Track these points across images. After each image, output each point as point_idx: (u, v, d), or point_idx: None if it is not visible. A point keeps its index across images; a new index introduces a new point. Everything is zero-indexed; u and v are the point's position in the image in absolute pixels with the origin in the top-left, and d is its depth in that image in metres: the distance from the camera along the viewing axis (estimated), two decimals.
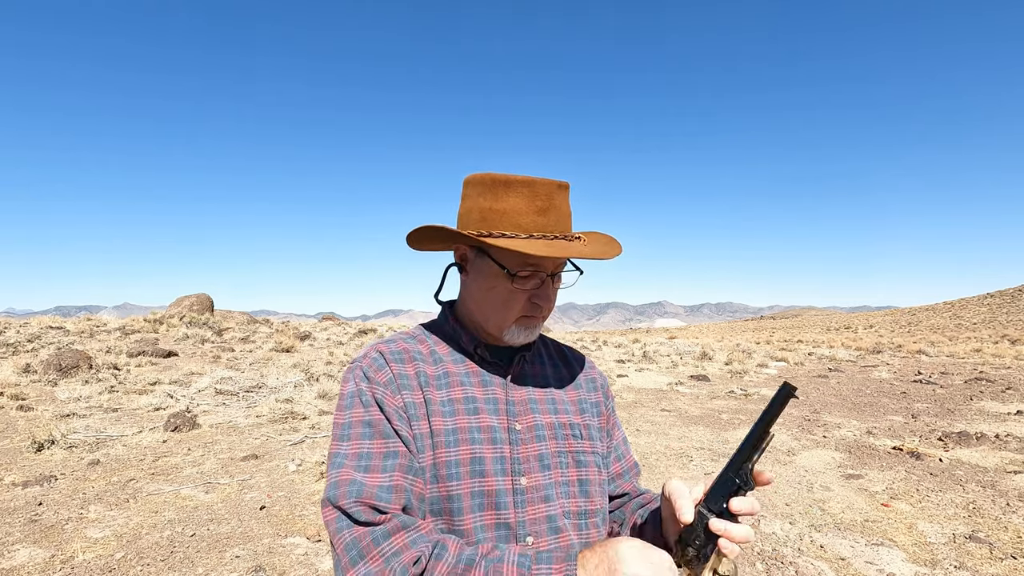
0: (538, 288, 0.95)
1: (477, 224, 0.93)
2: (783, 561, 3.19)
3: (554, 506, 0.92)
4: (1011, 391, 9.14)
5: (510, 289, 0.93)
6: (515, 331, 0.96)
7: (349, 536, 0.78)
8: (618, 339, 19.86)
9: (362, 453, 0.85)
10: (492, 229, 0.91)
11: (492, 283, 0.94)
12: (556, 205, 0.93)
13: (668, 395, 9.13)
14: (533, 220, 0.91)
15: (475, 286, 0.98)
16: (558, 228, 0.93)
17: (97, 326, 13.20)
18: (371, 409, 0.88)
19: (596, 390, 1.10)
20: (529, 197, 0.91)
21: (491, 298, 0.95)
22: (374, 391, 0.90)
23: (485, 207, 0.92)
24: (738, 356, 14.06)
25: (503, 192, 0.91)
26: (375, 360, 0.93)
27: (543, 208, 0.91)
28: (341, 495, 0.80)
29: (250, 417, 6.63)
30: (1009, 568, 3.09)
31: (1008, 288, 67.81)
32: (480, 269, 0.96)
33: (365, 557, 0.76)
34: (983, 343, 21.66)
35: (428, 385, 0.93)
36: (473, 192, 0.95)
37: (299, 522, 3.67)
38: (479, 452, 0.90)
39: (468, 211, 0.95)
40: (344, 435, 0.88)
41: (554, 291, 0.97)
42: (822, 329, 59.41)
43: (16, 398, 6.87)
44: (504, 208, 0.91)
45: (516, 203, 0.91)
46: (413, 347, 0.98)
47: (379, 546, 0.76)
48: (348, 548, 0.77)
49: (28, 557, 3.11)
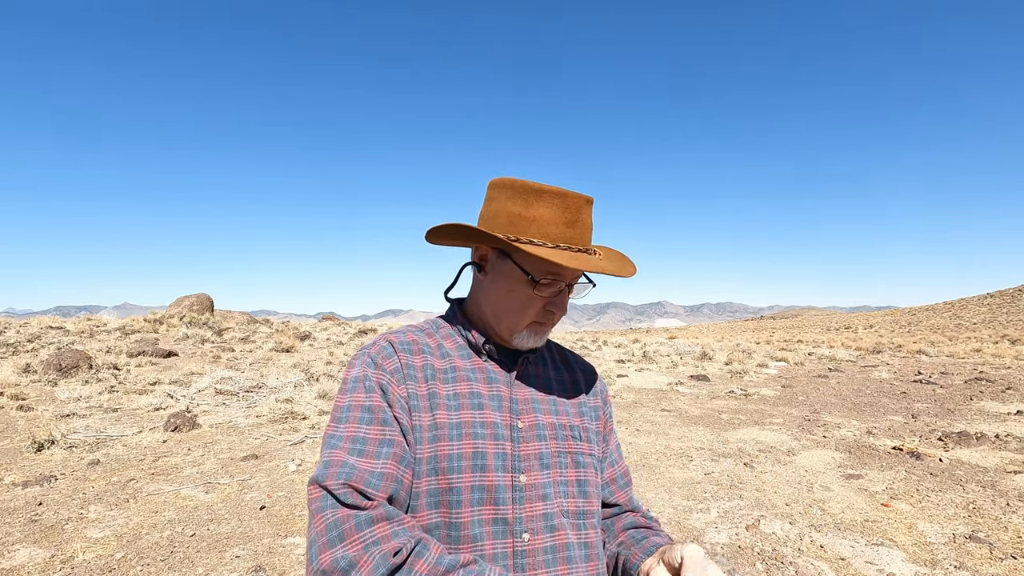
0: (555, 296, 0.96)
1: (505, 228, 0.93)
2: (783, 561, 3.19)
3: (551, 504, 0.93)
4: (1011, 391, 9.14)
5: (530, 295, 0.95)
6: (525, 335, 0.97)
7: (332, 516, 0.77)
8: (618, 339, 19.86)
9: (358, 437, 0.85)
10: (520, 235, 0.92)
11: (512, 287, 0.96)
12: (583, 219, 0.94)
13: (668, 395, 9.13)
14: (561, 231, 0.92)
15: (493, 288, 0.98)
16: (582, 241, 0.95)
17: (97, 326, 13.20)
18: (373, 395, 0.89)
19: (596, 395, 1.11)
20: (560, 208, 0.92)
21: (509, 301, 0.96)
22: (380, 377, 0.90)
23: (515, 212, 0.93)
24: (738, 356, 14.06)
25: (535, 200, 0.92)
26: (384, 348, 0.95)
27: (572, 221, 0.93)
28: (330, 475, 0.80)
29: (250, 417, 6.63)
30: (1009, 568, 3.09)
31: (1008, 288, 67.82)
32: (501, 271, 0.97)
33: (345, 540, 0.75)
34: (983, 343, 21.67)
35: (434, 378, 0.94)
36: (501, 196, 0.95)
37: (299, 522, 3.67)
38: (481, 447, 0.90)
39: (495, 214, 0.95)
40: (342, 417, 0.88)
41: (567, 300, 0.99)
42: (822, 329, 59.43)
43: (16, 398, 6.87)
44: (534, 216, 0.92)
45: (546, 213, 0.92)
46: (422, 339, 0.99)
47: (361, 532, 0.75)
48: (329, 528, 0.76)
49: (28, 557, 3.11)
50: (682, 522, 3.78)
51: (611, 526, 1.07)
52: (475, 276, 1.03)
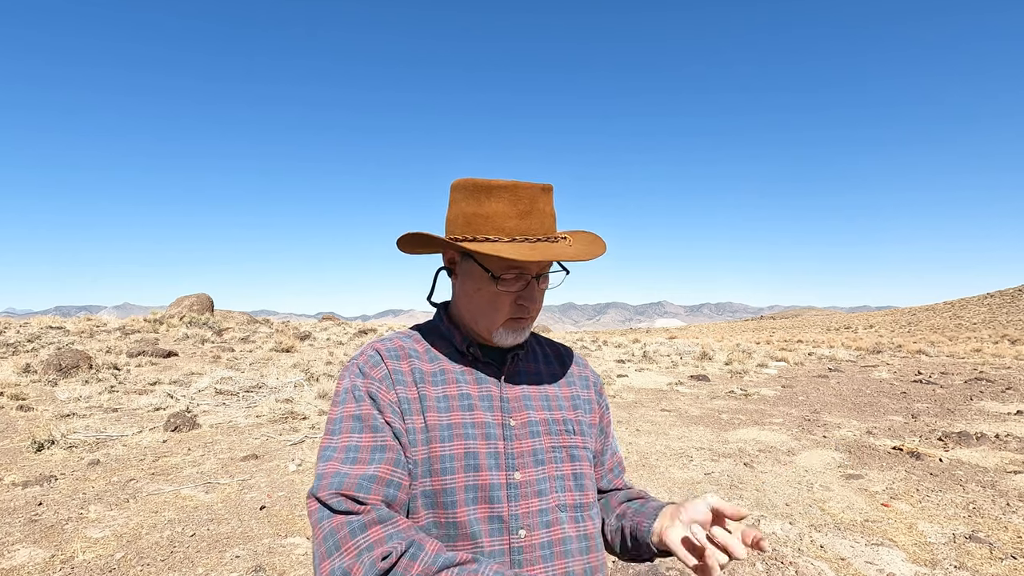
0: (523, 290, 0.96)
1: (462, 229, 0.94)
2: (783, 561, 3.19)
3: (547, 500, 0.94)
4: (1011, 391, 9.14)
5: (495, 292, 0.95)
6: (503, 333, 0.98)
7: (328, 526, 0.79)
8: (618, 339, 19.86)
9: (350, 446, 0.86)
10: (476, 233, 0.93)
11: (478, 286, 0.96)
12: (539, 208, 0.94)
13: (668, 395, 9.13)
14: (516, 224, 0.93)
15: (463, 290, 1.00)
16: (541, 230, 0.95)
17: (97, 326, 13.20)
18: (363, 404, 0.90)
19: (589, 388, 1.11)
20: (511, 201, 0.92)
21: (478, 301, 0.97)
22: (368, 386, 0.92)
23: (469, 212, 0.94)
24: (738, 356, 14.06)
25: (486, 197, 0.93)
26: (371, 357, 0.96)
27: (525, 211, 0.93)
28: (323, 487, 0.82)
29: (250, 417, 6.63)
30: (1009, 568, 3.09)
31: (1008, 288, 67.76)
32: (467, 272, 0.98)
33: (340, 549, 0.77)
34: (983, 343, 21.67)
35: (423, 381, 0.95)
36: (459, 197, 0.96)
37: (299, 522, 3.67)
38: (473, 447, 0.91)
39: (455, 216, 0.97)
40: (335, 429, 0.89)
41: (540, 292, 0.99)
42: (822, 329, 59.41)
43: (16, 398, 6.87)
44: (487, 212, 0.93)
45: (498, 207, 0.92)
46: (409, 345, 1.00)
47: (354, 539, 0.77)
48: (326, 539, 0.78)
49: (28, 557, 3.11)
50: None
51: (606, 504, 1.08)
52: (451, 280, 1.04)
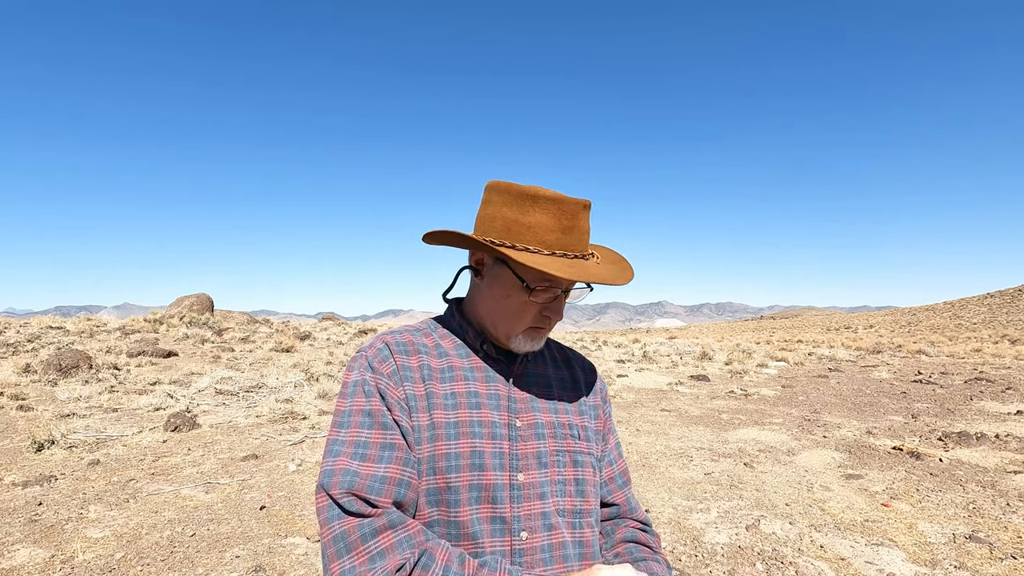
0: (551, 302, 0.96)
1: (500, 233, 0.92)
2: (783, 561, 3.19)
3: (548, 503, 0.93)
4: (1011, 391, 9.14)
5: (525, 301, 0.95)
6: (522, 340, 0.97)
7: (339, 528, 0.79)
8: (618, 339, 19.86)
9: (359, 442, 0.86)
10: (516, 241, 0.91)
11: (508, 292, 0.95)
12: (579, 224, 0.93)
13: (668, 395, 9.13)
14: (557, 238, 0.91)
15: (489, 292, 0.98)
16: (579, 247, 0.94)
17: (97, 326, 13.20)
18: (372, 399, 0.90)
19: (595, 394, 1.11)
20: (556, 215, 0.91)
21: (505, 307, 0.96)
22: (377, 381, 0.91)
23: (510, 218, 0.92)
24: (738, 356, 14.06)
25: (530, 206, 0.91)
26: (380, 351, 0.95)
27: (568, 227, 0.92)
28: (334, 483, 0.82)
29: (250, 417, 6.63)
30: (1009, 568, 3.09)
31: (1008, 288, 67.74)
32: (497, 277, 0.97)
33: (351, 552, 0.77)
34: (983, 343, 21.67)
35: (431, 378, 0.94)
36: (498, 200, 0.94)
37: (299, 522, 3.67)
38: (479, 446, 0.91)
39: (491, 218, 0.94)
40: (343, 423, 0.89)
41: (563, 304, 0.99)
42: (822, 329, 59.40)
43: (16, 398, 6.86)
44: (530, 222, 0.91)
45: (542, 219, 0.91)
46: (419, 340, 1.00)
47: (366, 543, 0.78)
48: (336, 540, 0.79)
49: (28, 557, 3.11)
50: (682, 522, 3.78)
51: (611, 533, 1.06)
52: (472, 279, 1.03)
